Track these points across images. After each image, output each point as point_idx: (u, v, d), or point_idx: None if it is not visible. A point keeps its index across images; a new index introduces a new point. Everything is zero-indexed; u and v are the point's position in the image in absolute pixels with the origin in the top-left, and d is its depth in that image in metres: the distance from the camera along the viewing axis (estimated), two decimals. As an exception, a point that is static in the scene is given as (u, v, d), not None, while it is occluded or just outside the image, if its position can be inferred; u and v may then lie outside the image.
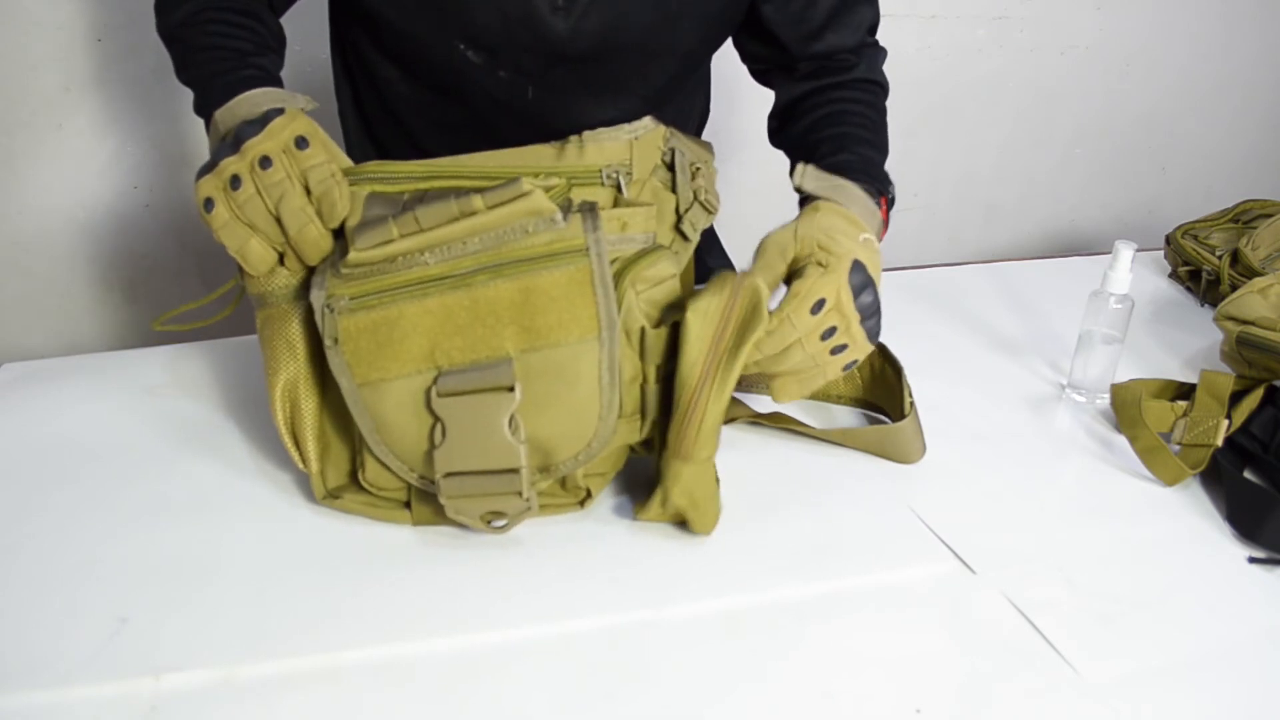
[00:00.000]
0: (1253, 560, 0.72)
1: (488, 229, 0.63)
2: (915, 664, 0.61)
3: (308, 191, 0.66)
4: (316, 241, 0.66)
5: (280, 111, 0.67)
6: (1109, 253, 0.88)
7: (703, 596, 0.65)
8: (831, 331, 0.69)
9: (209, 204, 0.66)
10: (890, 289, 0.75)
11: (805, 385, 0.73)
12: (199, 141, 0.82)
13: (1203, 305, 1.13)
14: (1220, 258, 1.13)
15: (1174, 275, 1.20)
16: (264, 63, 0.75)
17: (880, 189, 0.80)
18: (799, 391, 0.73)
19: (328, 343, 0.64)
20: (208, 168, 0.66)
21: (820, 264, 0.70)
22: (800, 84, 0.90)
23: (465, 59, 0.81)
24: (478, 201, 0.62)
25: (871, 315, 0.71)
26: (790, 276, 0.71)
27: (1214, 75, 1.81)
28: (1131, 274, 0.88)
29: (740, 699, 0.57)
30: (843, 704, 0.57)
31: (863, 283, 0.70)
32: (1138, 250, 0.88)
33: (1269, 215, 1.20)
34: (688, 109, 1.00)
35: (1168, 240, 1.22)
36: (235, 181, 0.65)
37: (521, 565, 0.66)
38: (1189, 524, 0.76)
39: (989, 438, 0.84)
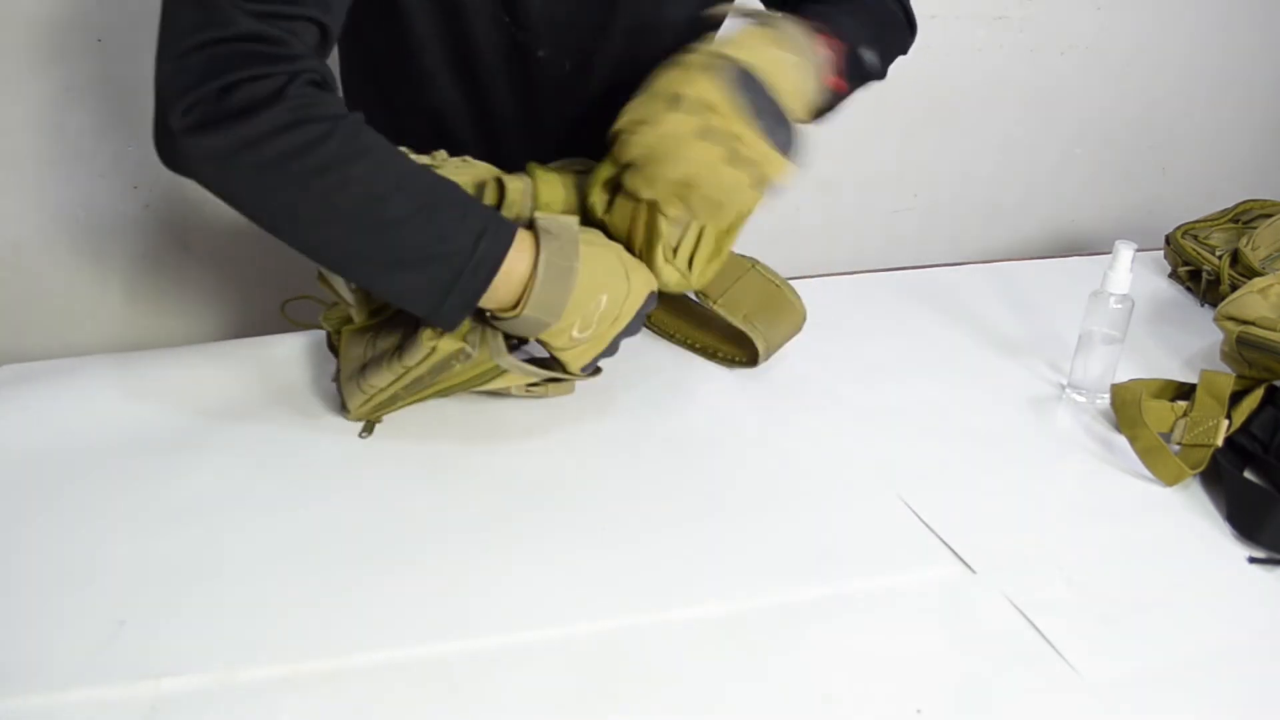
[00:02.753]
0: (1253, 560, 0.72)
1: (425, 375, 0.75)
2: (915, 664, 0.61)
3: None
4: None
5: (654, 297, 0.75)
6: (1109, 253, 0.88)
7: (703, 598, 0.65)
8: (710, 133, 0.67)
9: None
10: (890, 289, 0.75)
11: (713, 202, 0.71)
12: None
13: (1203, 305, 1.13)
14: (1220, 258, 1.13)
15: (1174, 275, 1.20)
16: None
17: (823, 30, 0.76)
18: (713, 211, 0.72)
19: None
20: (606, 354, 0.74)
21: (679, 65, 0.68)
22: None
23: (509, 36, 0.80)
24: (408, 360, 0.73)
25: (766, 118, 0.68)
26: None
27: (1214, 75, 1.81)
28: (1131, 274, 0.87)
29: (741, 700, 0.57)
30: (843, 705, 0.57)
31: (744, 83, 0.67)
32: (1138, 250, 0.88)
33: (1269, 215, 1.20)
34: None
35: (1168, 240, 1.21)
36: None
37: (522, 567, 0.66)
38: (1189, 524, 0.76)
39: (989, 438, 0.84)
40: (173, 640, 0.59)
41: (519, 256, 0.68)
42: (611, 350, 0.76)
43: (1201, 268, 1.14)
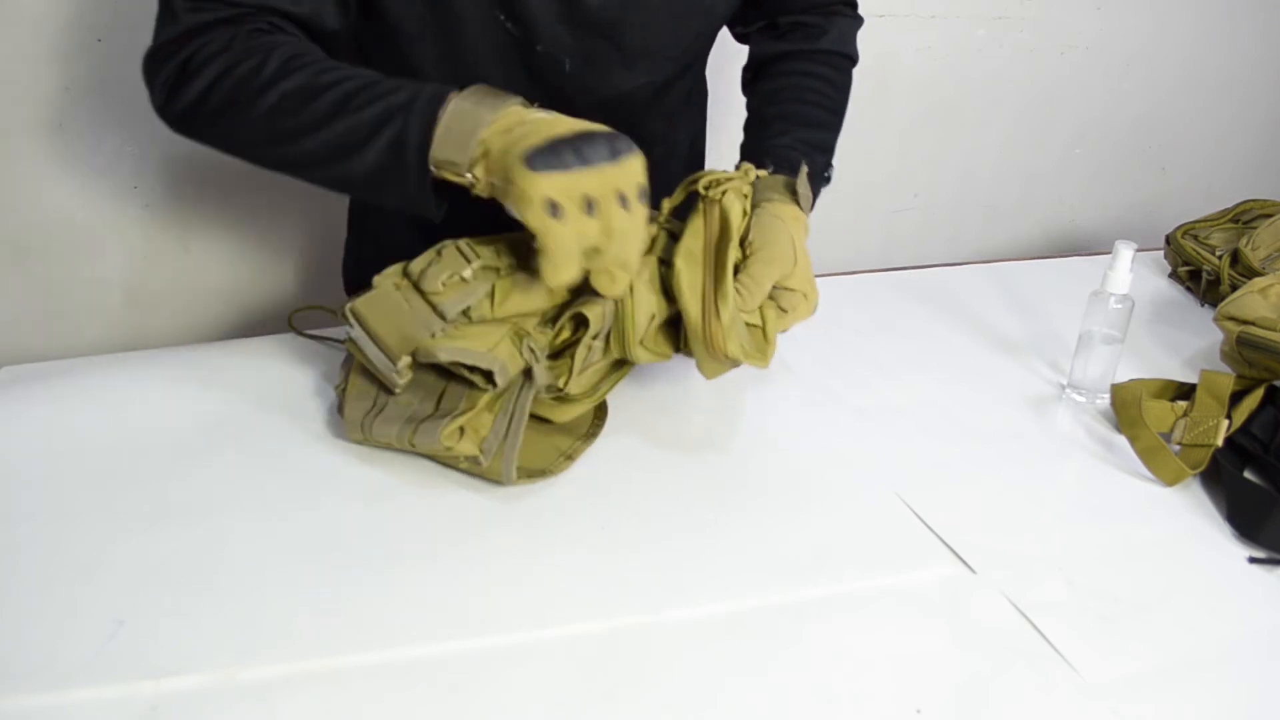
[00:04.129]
0: (1253, 560, 0.72)
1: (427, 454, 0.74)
2: (915, 664, 0.61)
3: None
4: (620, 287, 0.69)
5: (631, 146, 0.66)
6: (1109, 253, 0.88)
7: (703, 598, 0.65)
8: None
9: (555, 209, 0.63)
10: (890, 289, 0.75)
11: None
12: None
13: (1203, 305, 1.13)
14: (1220, 258, 1.13)
15: (1174, 275, 1.20)
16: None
17: (802, 164, 0.84)
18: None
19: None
20: (553, 158, 0.62)
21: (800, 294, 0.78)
22: (774, 44, 0.95)
23: (505, 32, 0.81)
24: (419, 444, 0.71)
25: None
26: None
27: (1214, 75, 1.81)
28: (1131, 274, 0.88)
29: (740, 700, 0.57)
30: (843, 704, 0.57)
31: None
32: (1138, 250, 0.88)
33: (1269, 215, 1.20)
34: (701, 82, 1.03)
35: (1168, 240, 1.21)
36: (590, 206, 0.64)
37: (522, 567, 0.66)
38: (1189, 524, 0.76)
39: (989, 438, 0.84)
40: (173, 640, 0.59)
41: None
42: (558, 151, 0.64)
43: (1201, 268, 1.14)
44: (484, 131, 0.65)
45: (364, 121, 0.68)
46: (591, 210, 0.64)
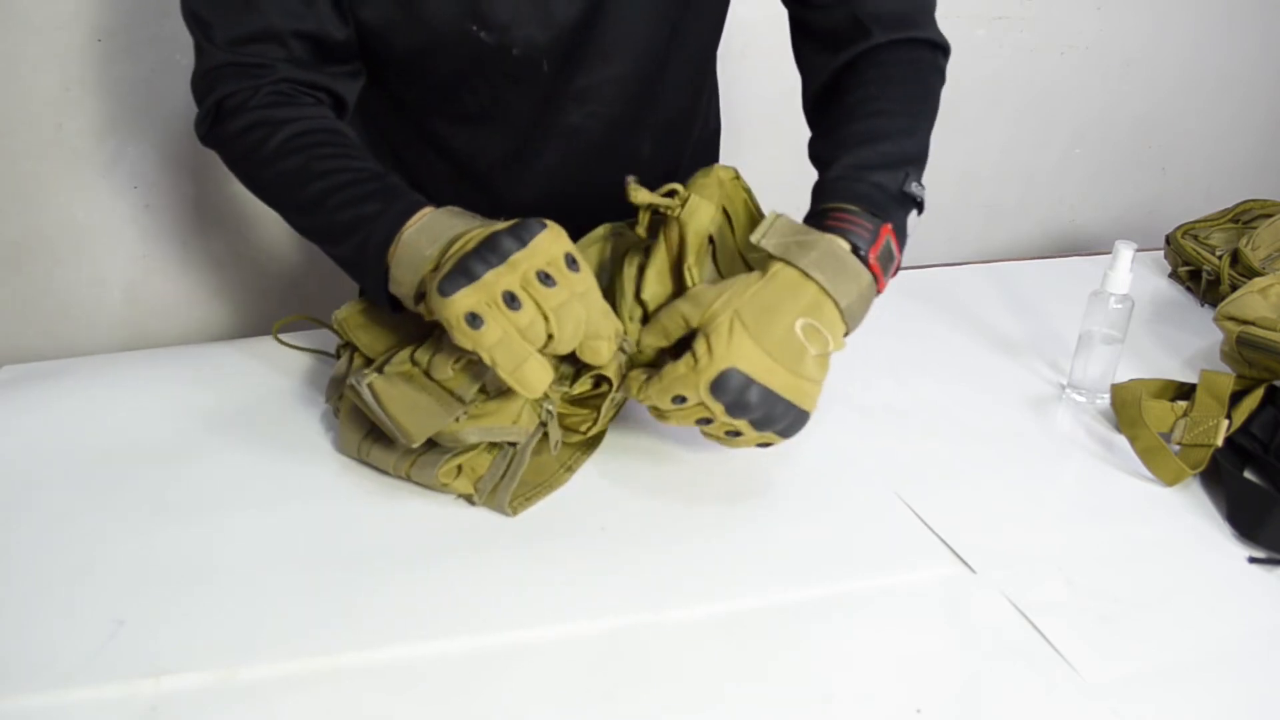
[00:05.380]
0: (1253, 560, 0.72)
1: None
2: (915, 664, 0.61)
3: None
4: (604, 355, 0.68)
5: (541, 224, 0.65)
6: (1109, 253, 0.88)
7: (703, 598, 0.65)
8: (707, 420, 0.68)
9: (475, 320, 0.62)
10: (890, 288, 0.75)
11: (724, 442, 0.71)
12: (199, 141, 0.81)
13: (1203, 305, 1.13)
14: (1220, 258, 1.13)
15: (1174, 275, 1.20)
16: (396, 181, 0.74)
17: (882, 217, 0.71)
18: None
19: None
20: (461, 278, 0.62)
21: (694, 355, 0.66)
22: (832, 56, 0.84)
23: (480, 41, 0.81)
24: (416, 477, 0.72)
25: (753, 415, 0.66)
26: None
27: (1214, 75, 1.81)
28: (1131, 274, 0.87)
29: (741, 700, 0.57)
30: (843, 704, 0.57)
31: (734, 398, 0.65)
32: (1138, 250, 0.88)
33: (1269, 215, 1.20)
34: (699, 79, 0.99)
35: (1168, 240, 1.21)
36: (511, 299, 0.63)
37: (522, 567, 0.66)
38: (1189, 524, 0.76)
39: (989, 438, 0.84)
40: (172, 639, 0.59)
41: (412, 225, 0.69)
42: (462, 270, 0.64)
43: (1201, 268, 1.14)
44: (425, 270, 0.66)
45: (337, 224, 0.72)
46: (515, 303, 0.63)
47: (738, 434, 0.68)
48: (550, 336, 0.64)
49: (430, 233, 0.67)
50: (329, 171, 0.73)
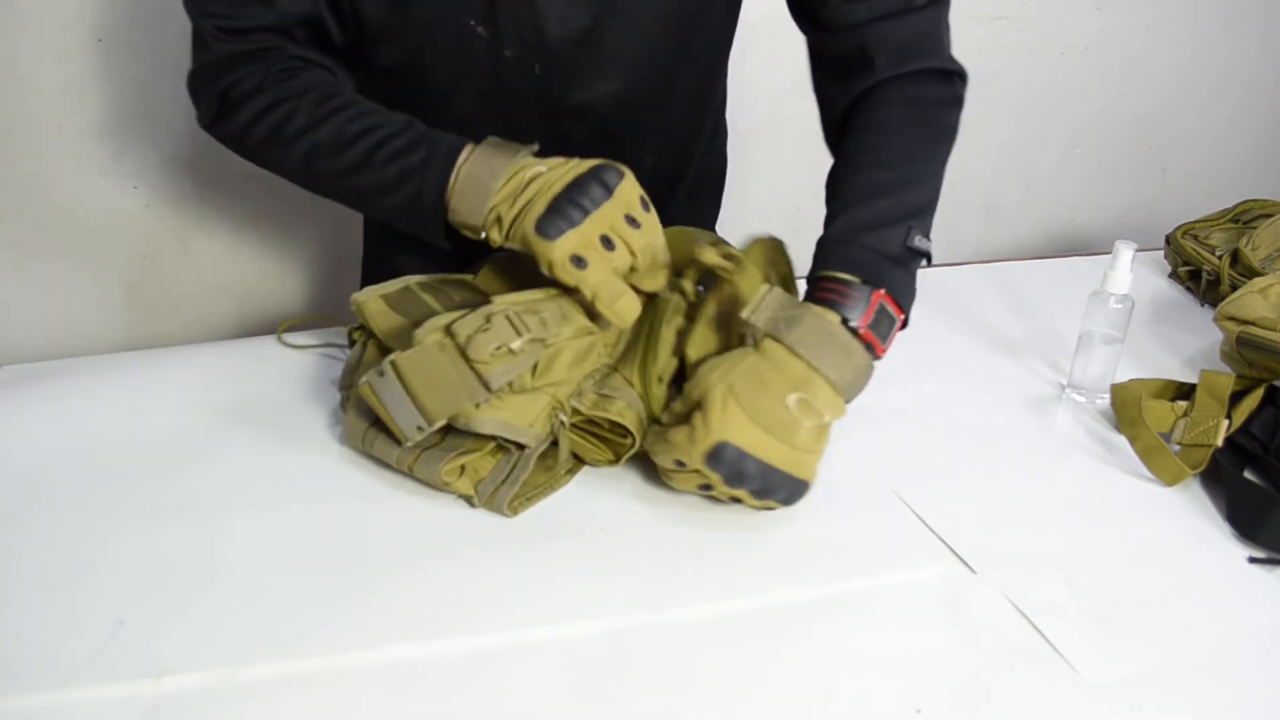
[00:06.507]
0: (1253, 560, 0.72)
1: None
2: (915, 664, 0.61)
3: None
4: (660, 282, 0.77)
5: (619, 173, 0.72)
6: (1109, 253, 0.88)
7: (703, 598, 0.65)
8: (707, 487, 0.70)
9: (580, 261, 0.70)
10: (890, 289, 0.74)
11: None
12: (199, 141, 0.82)
13: (1203, 305, 1.13)
14: (1220, 258, 1.13)
15: (1174, 275, 1.20)
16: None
17: (875, 283, 0.71)
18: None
19: None
20: (562, 222, 0.69)
21: (691, 426, 0.67)
22: (850, 82, 0.82)
23: (475, 36, 0.81)
24: (418, 473, 0.72)
25: (751, 486, 0.67)
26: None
27: (1214, 75, 1.81)
28: (1131, 274, 0.88)
29: (741, 700, 0.57)
30: (843, 704, 0.57)
31: (731, 470, 0.66)
32: (1138, 250, 0.88)
33: (1269, 215, 1.20)
34: (706, 95, 0.98)
35: (1168, 240, 1.21)
36: (607, 242, 0.71)
37: (523, 567, 0.66)
38: (1189, 524, 0.76)
39: (989, 438, 0.84)
40: (173, 639, 0.59)
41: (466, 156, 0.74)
42: (559, 211, 0.69)
43: (1201, 268, 1.14)
44: (493, 199, 0.72)
45: (386, 178, 0.75)
46: (611, 244, 0.71)
47: (737, 500, 0.70)
48: (633, 269, 0.73)
49: (486, 165, 0.72)
50: (364, 132, 0.76)
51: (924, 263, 0.77)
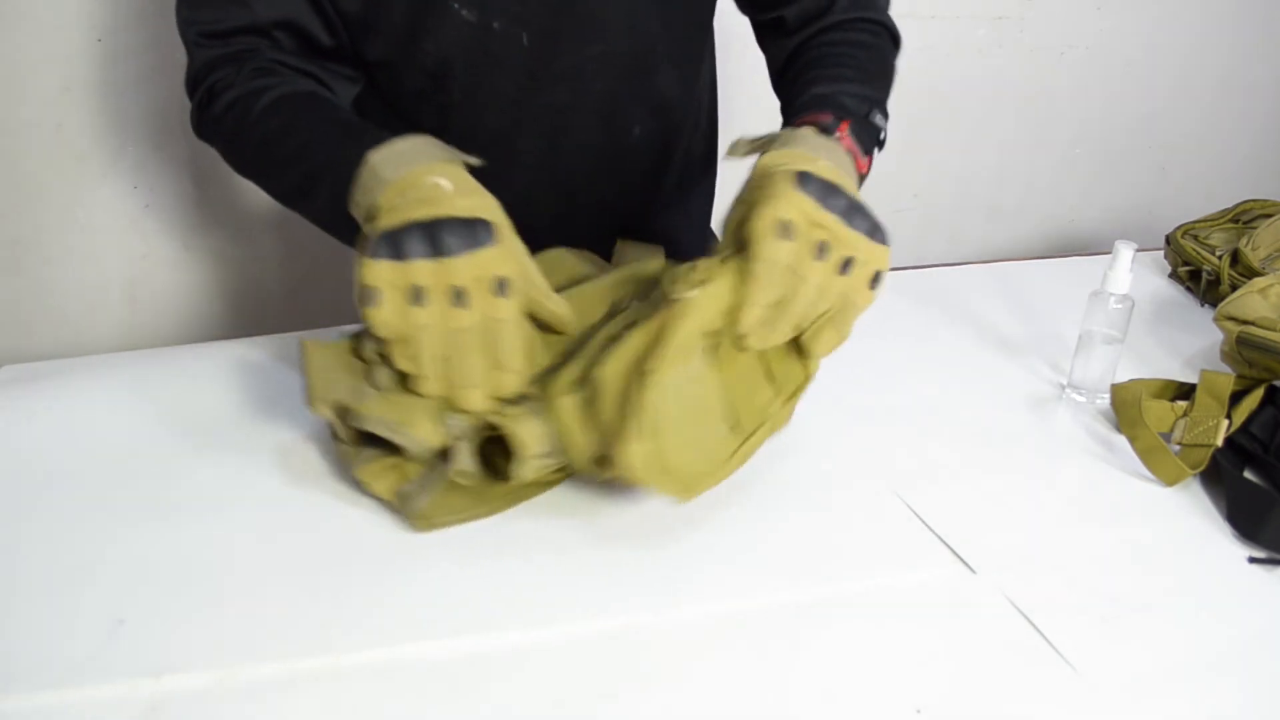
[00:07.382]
0: (1253, 560, 0.72)
1: None
2: (915, 664, 0.61)
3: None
4: (475, 402, 0.67)
5: (488, 231, 0.64)
6: (1109, 253, 0.88)
7: (703, 598, 0.65)
8: (824, 247, 0.66)
9: (372, 295, 0.63)
10: (890, 289, 0.75)
11: (839, 324, 0.70)
12: (199, 141, 0.82)
13: (1203, 305, 1.13)
14: (1220, 258, 1.13)
15: (1174, 275, 1.20)
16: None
17: (839, 115, 0.75)
18: (836, 336, 0.70)
19: None
20: (387, 246, 0.63)
21: (763, 185, 0.67)
22: (789, 39, 0.91)
23: (460, 19, 0.81)
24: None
25: (854, 215, 0.67)
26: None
27: (1214, 75, 1.81)
28: (1131, 274, 0.88)
29: (740, 700, 0.57)
30: (843, 704, 0.57)
31: (823, 189, 0.66)
32: (1138, 250, 0.88)
33: (1269, 215, 1.20)
34: (696, 56, 0.99)
35: (1168, 240, 1.21)
36: (418, 295, 0.63)
37: (521, 568, 0.66)
38: (1189, 524, 0.76)
39: (989, 438, 0.84)
40: (172, 639, 0.59)
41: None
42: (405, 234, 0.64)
43: (1201, 268, 1.14)
44: (378, 195, 0.67)
45: (315, 169, 0.74)
46: (420, 300, 0.63)
47: (850, 260, 0.67)
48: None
49: (397, 158, 0.68)
50: (311, 124, 0.76)
51: (877, 149, 0.81)
